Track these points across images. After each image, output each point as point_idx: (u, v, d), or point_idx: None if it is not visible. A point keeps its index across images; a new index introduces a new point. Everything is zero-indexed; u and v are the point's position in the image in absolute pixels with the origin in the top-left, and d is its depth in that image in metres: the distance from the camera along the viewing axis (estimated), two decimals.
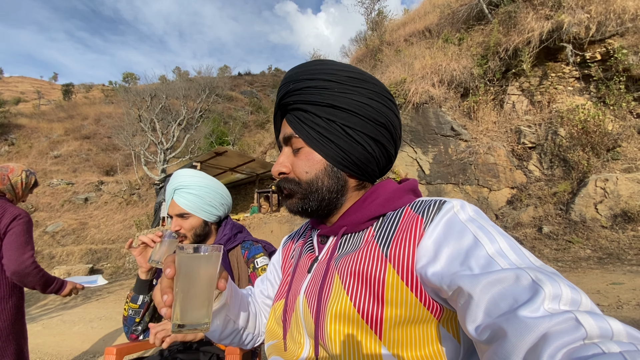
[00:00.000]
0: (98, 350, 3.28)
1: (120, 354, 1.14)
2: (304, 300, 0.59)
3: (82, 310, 5.15)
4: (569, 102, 6.03)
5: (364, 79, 0.59)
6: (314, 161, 0.59)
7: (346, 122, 0.57)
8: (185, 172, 1.30)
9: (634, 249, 4.04)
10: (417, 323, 0.48)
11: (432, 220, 0.50)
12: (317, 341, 0.53)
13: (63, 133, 25.05)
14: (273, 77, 42.23)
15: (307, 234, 0.74)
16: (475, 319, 0.38)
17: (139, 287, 1.22)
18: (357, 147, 0.58)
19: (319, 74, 0.58)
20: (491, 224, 0.48)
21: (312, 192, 0.59)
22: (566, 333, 0.30)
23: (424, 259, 0.47)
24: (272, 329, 0.67)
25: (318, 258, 0.63)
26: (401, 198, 0.59)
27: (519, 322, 0.32)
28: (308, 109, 0.58)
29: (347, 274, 0.53)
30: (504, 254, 0.42)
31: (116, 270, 9.79)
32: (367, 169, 0.61)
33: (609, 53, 5.73)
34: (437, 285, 0.44)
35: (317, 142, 0.58)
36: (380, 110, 0.59)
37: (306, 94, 0.58)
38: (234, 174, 10.64)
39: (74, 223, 14.24)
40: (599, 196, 4.82)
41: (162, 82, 20.05)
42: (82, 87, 43.68)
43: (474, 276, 0.40)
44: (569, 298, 0.34)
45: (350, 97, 0.57)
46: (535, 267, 0.39)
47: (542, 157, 5.99)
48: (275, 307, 0.68)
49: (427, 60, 7.64)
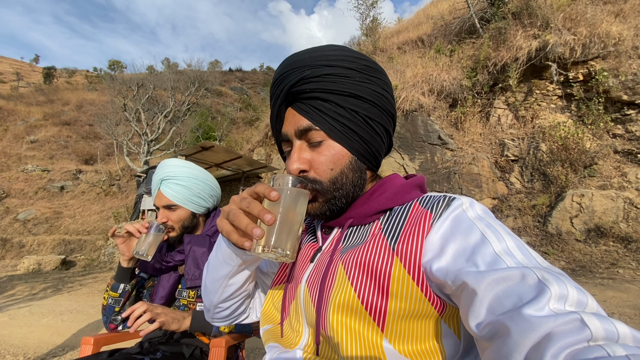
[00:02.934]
0: (68, 344, 3.15)
1: (97, 344, 1.09)
2: (305, 289, 0.58)
3: (52, 302, 4.93)
4: (551, 118, 6.25)
5: (378, 69, 0.59)
6: (339, 155, 0.56)
7: (368, 113, 0.56)
8: (172, 162, 1.25)
9: (605, 263, 4.22)
10: (420, 318, 0.48)
11: (441, 215, 0.50)
12: (318, 330, 0.52)
13: (41, 117, 24.06)
14: (264, 75, 41.95)
15: (308, 223, 0.73)
16: (479, 315, 0.38)
17: (120, 275, 1.18)
18: (376, 138, 0.58)
19: (338, 60, 0.55)
20: (499, 223, 0.48)
21: (338, 189, 0.56)
22: (571, 334, 0.29)
23: (430, 253, 0.47)
24: (269, 312, 0.66)
25: (322, 248, 0.62)
26: (409, 193, 0.59)
27: (523, 320, 0.32)
28: (329, 98, 0.54)
29: (352, 265, 0.52)
30: (510, 253, 0.42)
31: (90, 262, 9.45)
32: (379, 160, 0.62)
33: (591, 74, 5.98)
34: (442, 280, 0.44)
35: (341, 134, 0.55)
36: (391, 101, 0.60)
37: (326, 82, 0.54)
38: (220, 170, 10.47)
39: (47, 212, 13.66)
40: (575, 211, 5.01)
41: (150, 72, 19.57)
42: (65, 71, 42.02)
43: (480, 273, 0.40)
44: (575, 299, 0.33)
45: (370, 88, 0.56)
46: (542, 267, 0.39)
47: (523, 170, 6.18)
48: (273, 291, 0.67)
49: (418, 69, 7.77)
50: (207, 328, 1.08)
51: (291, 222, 0.49)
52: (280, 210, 0.49)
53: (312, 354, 0.54)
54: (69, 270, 8.90)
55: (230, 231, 0.50)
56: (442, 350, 0.48)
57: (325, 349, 0.52)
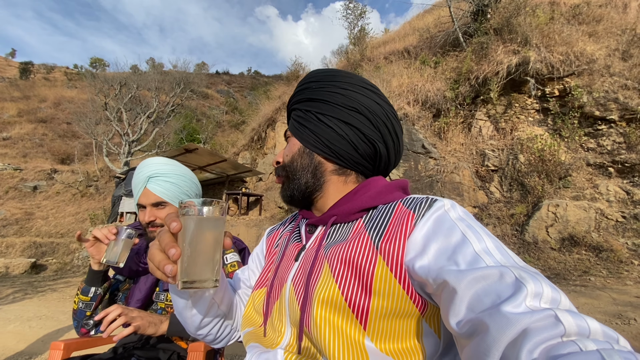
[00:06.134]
0: (35, 352, 2.98)
1: (68, 349, 1.03)
2: (290, 288, 0.58)
3: (20, 308, 4.67)
4: (529, 131, 6.49)
5: (337, 74, 0.67)
6: (292, 145, 0.68)
7: (318, 110, 0.65)
8: (158, 160, 1.22)
9: (578, 271, 4.38)
10: (402, 317, 0.49)
11: (423, 215, 0.51)
12: (301, 328, 0.52)
13: (15, 114, 23.05)
14: (252, 79, 41.75)
15: (294, 225, 0.73)
16: (458, 313, 0.39)
17: (91, 278, 1.12)
18: (326, 129, 0.64)
19: (305, 80, 0.70)
20: (479, 225, 0.50)
21: (291, 171, 0.66)
22: (546, 329, 0.30)
23: (413, 252, 0.48)
24: (250, 316, 0.65)
25: (306, 246, 0.63)
26: (392, 193, 0.61)
27: (501, 316, 0.33)
28: (296, 107, 0.69)
29: (337, 261, 0.53)
30: (490, 253, 0.43)
31: (63, 266, 9.04)
32: (341, 152, 0.63)
33: (566, 90, 6.27)
34: (423, 279, 0.45)
35: (296, 130, 0.67)
36: (351, 97, 0.63)
37: (296, 97, 0.69)
38: (203, 173, 10.29)
39: (18, 212, 13.01)
40: (550, 220, 5.19)
41: (134, 71, 19.09)
42: (43, 67, 40.42)
43: (460, 271, 0.41)
44: (549, 296, 0.35)
45: (324, 90, 0.65)
46: (519, 266, 0.40)
47: (502, 180, 6.38)
48: (255, 295, 0.66)
49: (404, 79, 7.94)
50: (185, 332, 1.04)
51: (206, 250, 0.47)
52: (189, 239, 0.46)
53: (294, 353, 0.53)
54: (39, 274, 8.48)
55: (153, 269, 0.48)
56: (423, 349, 0.49)
57: (308, 348, 0.52)
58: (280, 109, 10.77)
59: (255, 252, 0.80)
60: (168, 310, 1.15)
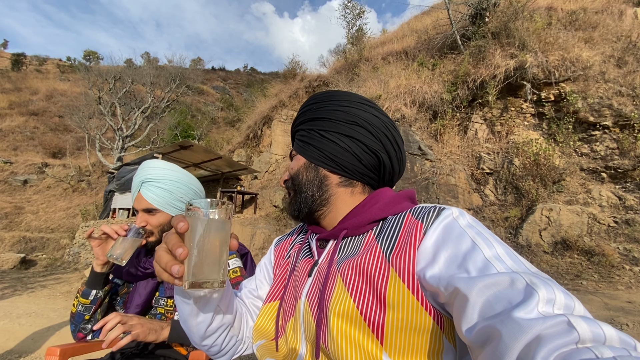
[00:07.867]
0: (25, 350, 2.93)
1: (64, 355, 1.01)
2: (305, 304, 0.57)
3: (9, 305, 4.59)
4: (524, 135, 6.55)
5: (335, 93, 0.70)
6: (297, 160, 0.70)
7: (321, 127, 0.67)
8: (154, 163, 1.18)
9: (570, 274, 4.44)
10: (420, 331, 0.48)
11: (432, 224, 0.51)
12: (317, 344, 0.52)
13: (7, 106, 22.62)
14: (248, 76, 41.52)
15: (303, 239, 0.72)
16: (471, 320, 0.38)
17: (92, 280, 1.10)
18: (329, 144, 0.66)
19: (306, 103, 0.72)
20: (488, 231, 0.50)
21: (298, 184, 0.68)
22: (559, 336, 0.30)
23: (423, 261, 0.48)
24: (262, 327, 0.64)
25: (318, 262, 0.62)
26: (400, 204, 0.62)
27: (513, 323, 0.33)
28: (300, 128, 0.72)
29: (350, 275, 0.53)
30: (500, 259, 0.43)
31: (53, 262, 8.91)
32: (345, 164, 0.65)
33: (561, 96, 6.34)
34: (435, 288, 0.45)
35: (300, 148, 0.70)
36: (350, 112, 0.65)
37: (299, 119, 0.72)
38: (198, 170, 10.20)
39: (7, 206, 12.79)
40: (544, 224, 5.25)
41: (129, 66, 18.84)
42: (35, 59, 39.74)
43: (471, 279, 0.41)
44: (562, 303, 0.34)
45: (324, 109, 0.68)
46: (531, 272, 0.40)
47: (497, 183, 6.43)
48: (267, 307, 0.66)
49: (402, 81, 7.95)
50: (186, 339, 1.02)
51: (212, 250, 0.47)
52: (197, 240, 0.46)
53: None
54: (29, 269, 8.35)
55: (160, 271, 0.48)
56: None
57: None
58: (276, 107, 10.69)
59: (263, 262, 0.79)
60: (167, 315, 1.13)
